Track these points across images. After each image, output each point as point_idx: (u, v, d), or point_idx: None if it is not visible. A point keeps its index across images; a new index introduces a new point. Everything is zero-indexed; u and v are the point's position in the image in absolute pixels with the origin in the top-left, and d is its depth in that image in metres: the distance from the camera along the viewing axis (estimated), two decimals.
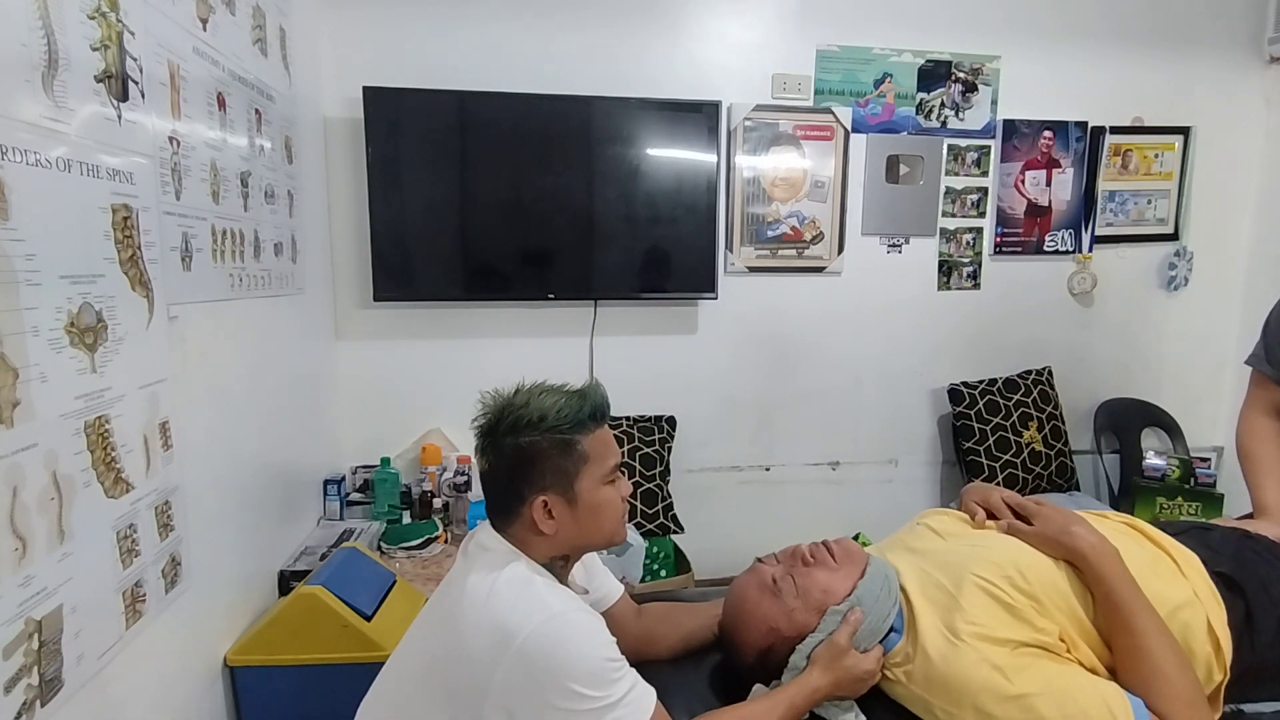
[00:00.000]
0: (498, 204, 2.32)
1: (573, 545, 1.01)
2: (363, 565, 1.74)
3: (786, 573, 1.09)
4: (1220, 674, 1.04)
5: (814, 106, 2.53)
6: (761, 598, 1.08)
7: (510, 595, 0.90)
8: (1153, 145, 2.76)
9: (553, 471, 0.96)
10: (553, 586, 0.95)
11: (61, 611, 1.00)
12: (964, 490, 1.28)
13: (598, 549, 1.08)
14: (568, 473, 0.97)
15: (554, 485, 0.96)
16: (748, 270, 2.57)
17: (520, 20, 2.34)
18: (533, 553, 0.98)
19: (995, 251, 2.74)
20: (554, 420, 0.95)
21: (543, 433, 0.95)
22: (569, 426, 0.96)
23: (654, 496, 2.36)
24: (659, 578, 2.24)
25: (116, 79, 1.15)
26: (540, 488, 0.96)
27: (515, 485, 0.97)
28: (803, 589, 1.06)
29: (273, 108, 1.83)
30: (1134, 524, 1.19)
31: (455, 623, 0.91)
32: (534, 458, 0.96)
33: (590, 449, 0.98)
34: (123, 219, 1.16)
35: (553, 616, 0.88)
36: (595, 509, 0.99)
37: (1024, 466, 2.58)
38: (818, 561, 1.10)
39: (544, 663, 0.85)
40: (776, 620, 1.06)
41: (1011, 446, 2.58)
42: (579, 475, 0.97)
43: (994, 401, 2.61)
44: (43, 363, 0.96)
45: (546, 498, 0.96)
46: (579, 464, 0.97)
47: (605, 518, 1.00)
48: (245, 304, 1.66)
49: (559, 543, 0.99)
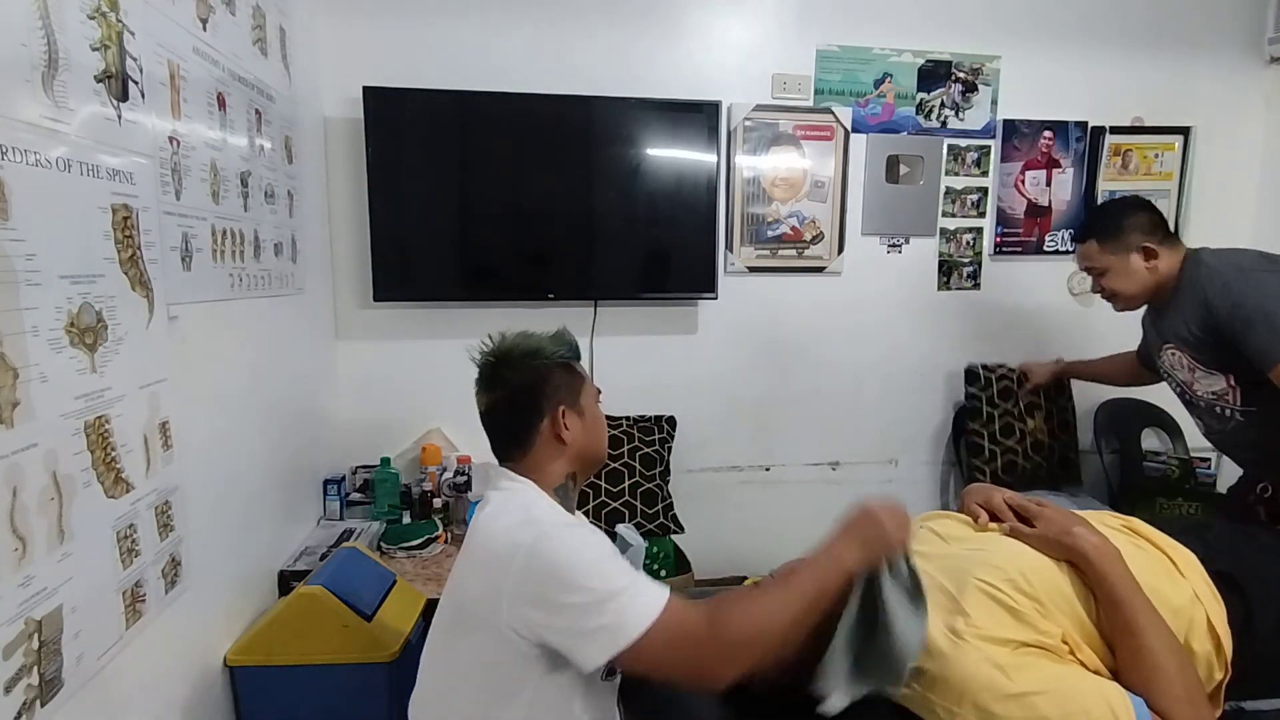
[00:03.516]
0: (498, 204, 2.32)
1: (582, 459, 1.14)
2: (363, 565, 1.74)
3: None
4: (1221, 672, 1.04)
5: (814, 106, 2.53)
6: None
7: (511, 520, 1.01)
8: (1153, 145, 2.76)
9: (564, 386, 1.12)
10: (553, 509, 1.06)
11: (61, 611, 1.00)
12: (965, 491, 1.28)
13: (594, 466, 1.21)
14: (574, 387, 1.14)
15: (566, 398, 1.12)
16: (748, 270, 2.57)
17: (520, 20, 2.34)
18: (548, 475, 1.11)
19: (995, 251, 2.74)
20: (553, 348, 1.13)
21: (548, 356, 1.12)
22: (566, 353, 1.14)
23: (654, 496, 2.36)
24: (659, 578, 2.24)
25: (116, 79, 1.15)
26: (557, 400, 1.11)
27: (535, 402, 1.10)
28: None
29: (273, 108, 1.83)
30: (1133, 525, 1.19)
31: (473, 558, 1.03)
32: (548, 375, 1.12)
33: (583, 372, 1.18)
34: (123, 219, 1.16)
35: (549, 528, 0.97)
36: (595, 420, 1.16)
37: (1025, 454, 2.56)
38: None
39: (542, 567, 0.93)
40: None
41: (1015, 433, 2.57)
42: (581, 391, 1.15)
43: (1008, 388, 2.60)
44: (43, 363, 0.96)
45: (564, 407, 1.11)
46: (579, 382, 1.15)
47: (601, 431, 1.19)
48: (245, 304, 1.66)
49: (572, 455, 1.12)
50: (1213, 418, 1.78)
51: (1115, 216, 1.82)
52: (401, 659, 1.54)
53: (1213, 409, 1.76)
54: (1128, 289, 1.81)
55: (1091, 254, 1.84)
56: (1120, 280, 1.81)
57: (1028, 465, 2.57)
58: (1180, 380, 1.81)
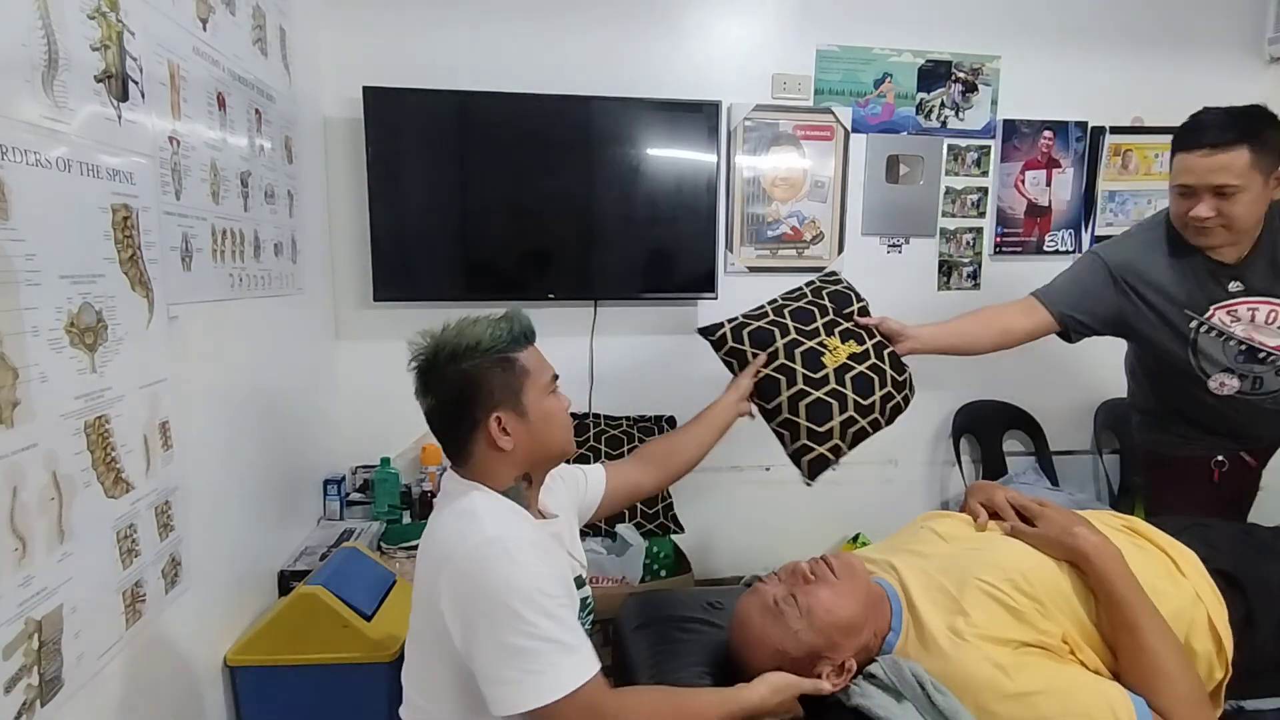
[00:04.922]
0: (498, 204, 2.32)
1: (532, 460, 1.05)
2: (363, 565, 1.74)
3: (789, 592, 1.07)
4: (1221, 671, 1.04)
5: (814, 106, 2.53)
6: (765, 621, 1.07)
7: (452, 522, 0.97)
8: (1153, 145, 2.76)
9: (500, 389, 1.01)
10: (501, 515, 0.98)
11: (61, 611, 1.00)
12: (969, 488, 1.29)
13: (554, 461, 1.11)
14: (513, 388, 1.02)
15: (503, 402, 1.01)
16: (748, 270, 2.57)
17: (520, 20, 2.34)
18: (496, 480, 1.03)
19: (995, 251, 2.74)
20: (490, 343, 1.01)
21: (482, 354, 1.00)
22: (505, 345, 1.02)
23: (654, 496, 2.35)
24: (659, 578, 2.24)
25: (116, 79, 1.15)
26: (491, 406, 1.00)
27: (467, 410, 1.01)
28: (806, 608, 1.05)
29: (273, 108, 1.83)
30: (1134, 524, 1.19)
31: (421, 561, 0.99)
32: (479, 379, 1.00)
33: (528, 364, 1.04)
34: (123, 219, 1.16)
35: (487, 541, 0.92)
36: (545, 418, 1.04)
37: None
38: (819, 578, 1.08)
39: (474, 581, 0.90)
40: (783, 643, 1.04)
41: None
42: (523, 389, 1.03)
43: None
44: (43, 363, 0.96)
45: (499, 414, 1.01)
46: (521, 378, 1.03)
47: (555, 425, 1.07)
48: (245, 304, 1.65)
49: (519, 459, 1.03)
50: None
51: (1272, 125, 1.43)
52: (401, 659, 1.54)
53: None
54: (1248, 220, 1.44)
55: (1237, 166, 1.39)
56: (1250, 208, 1.42)
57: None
58: (1241, 339, 1.52)
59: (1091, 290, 1.63)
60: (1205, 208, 1.43)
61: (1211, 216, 1.43)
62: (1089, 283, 1.64)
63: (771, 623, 1.06)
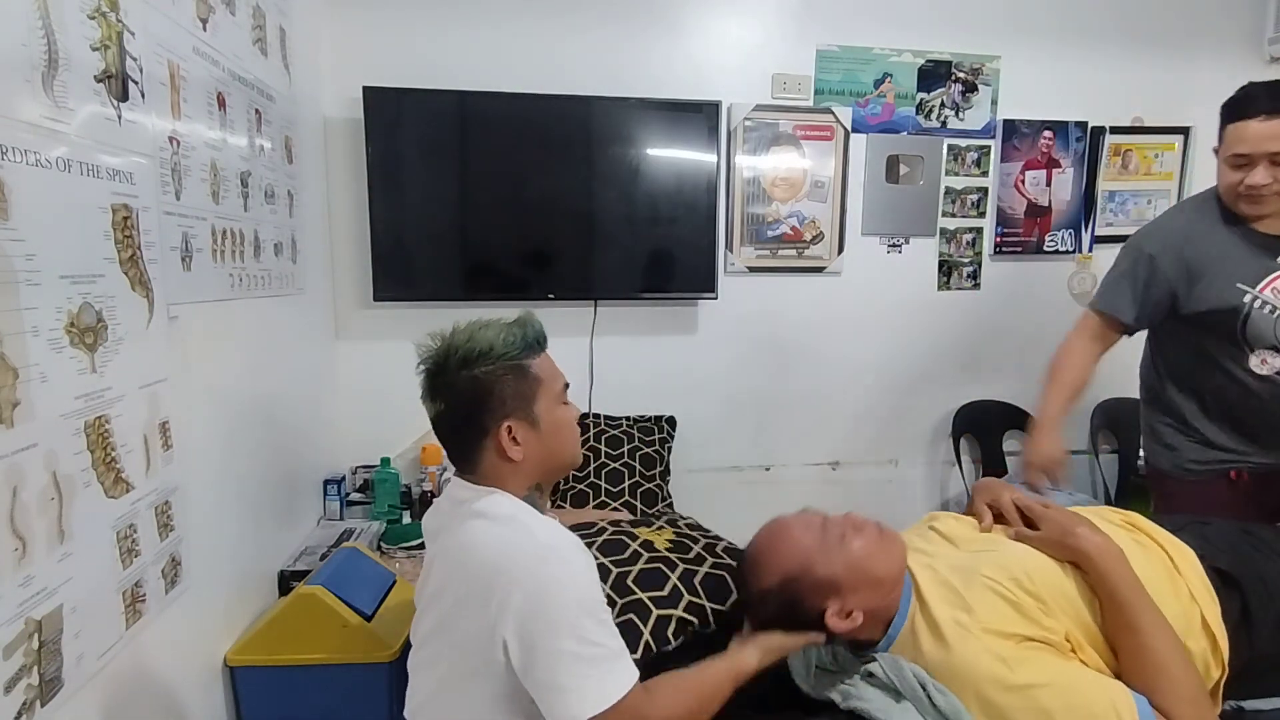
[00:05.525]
0: (498, 204, 2.32)
1: (543, 469, 1.03)
2: (363, 565, 1.74)
3: (838, 522, 1.11)
4: (1218, 670, 1.04)
5: (814, 106, 2.53)
6: (805, 532, 1.10)
7: (495, 529, 0.93)
8: (1153, 145, 2.76)
9: (512, 397, 0.98)
10: (542, 521, 0.97)
11: (61, 611, 1.00)
12: (975, 487, 1.29)
13: (563, 472, 1.11)
14: (525, 396, 0.99)
15: (515, 410, 0.99)
16: (748, 270, 2.57)
17: (520, 20, 2.34)
18: (508, 488, 1.00)
19: (995, 251, 2.74)
20: (503, 349, 0.98)
21: (494, 361, 0.97)
22: (518, 352, 0.99)
23: (654, 496, 2.36)
24: None
25: (116, 79, 1.15)
26: (502, 415, 0.98)
27: (478, 419, 0.98)
28: (844, 540, 1.08)
29: (273, 108, 1.83)
30: (1134, 520, 1.20)
31: (455, 571, 0.95)
32: (491, 386, 0.97)
33: (541, 372, 1.01)
34: (123, 219, 1.16)
35: (544, 549, 0.91)
36: (556, 428, 1.02)
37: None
38: (865, 532, 1.11)
39: (537, 590, 0.88)
40: (811, 557, 1.06)
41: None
42: (536, 398, 1.00)
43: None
44: (43, 363, 0.96)
45: (511, 423, 0.98)
46: (534, 386, 1.00)
47: (565, 437, 1.05)
48: (245, 304, 1.65)
49: (529, 469, 1.01)
50: None
51: None
52: (402, 659, 1.53)
53: None
54: None
55: None
56: None
57: None
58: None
59: (1146, 282, 1.66)
60: (1262, 174, 1.46)
61: (1268, 184, 1.46)
62: (1141, 276, 1.67)
63: (810, 535, 1.08)
